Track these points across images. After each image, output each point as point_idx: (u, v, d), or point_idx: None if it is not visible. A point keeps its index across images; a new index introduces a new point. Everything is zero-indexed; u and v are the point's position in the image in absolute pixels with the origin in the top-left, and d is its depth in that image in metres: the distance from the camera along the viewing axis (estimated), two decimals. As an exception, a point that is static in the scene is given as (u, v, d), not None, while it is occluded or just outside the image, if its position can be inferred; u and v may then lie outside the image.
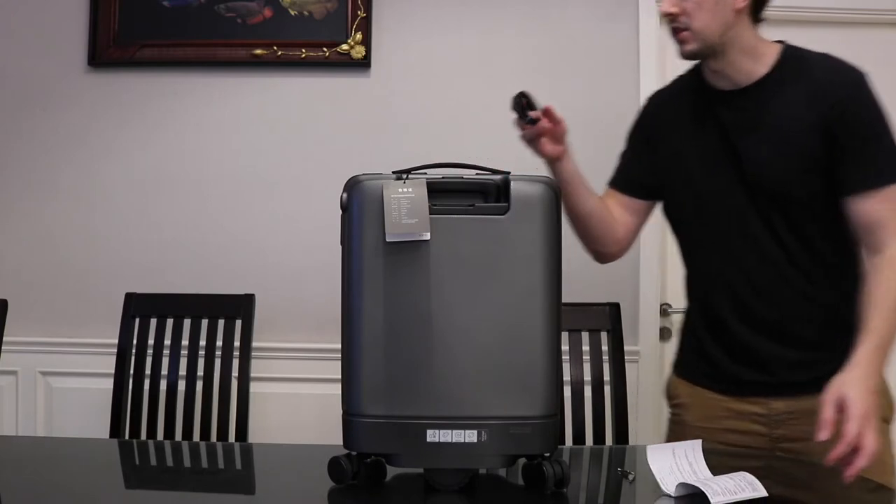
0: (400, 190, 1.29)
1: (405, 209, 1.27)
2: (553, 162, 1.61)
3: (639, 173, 1.72)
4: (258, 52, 2.54)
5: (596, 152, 2.56)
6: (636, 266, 2.55)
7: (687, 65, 2.74)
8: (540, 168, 1.61)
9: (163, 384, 2.18)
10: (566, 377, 2.09)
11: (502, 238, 1.30)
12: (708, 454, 1.33)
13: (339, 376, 1.34)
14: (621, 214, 1.70)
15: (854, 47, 2.69)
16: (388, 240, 1.27)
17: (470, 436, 1.28)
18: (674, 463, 1.31)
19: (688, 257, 1.70)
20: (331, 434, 1.45)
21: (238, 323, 2.22)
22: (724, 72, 1.55)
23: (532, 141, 1.58)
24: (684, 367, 1.71)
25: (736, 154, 1.55)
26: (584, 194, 1.65)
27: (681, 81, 1.71)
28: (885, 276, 1.44)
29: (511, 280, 1.29)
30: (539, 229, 1.31)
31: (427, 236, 1.28)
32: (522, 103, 1.54)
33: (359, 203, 1.29)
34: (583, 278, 2.52)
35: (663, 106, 1.72)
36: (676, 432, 1.66)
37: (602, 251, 1.73)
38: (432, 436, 1.28)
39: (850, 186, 1.48)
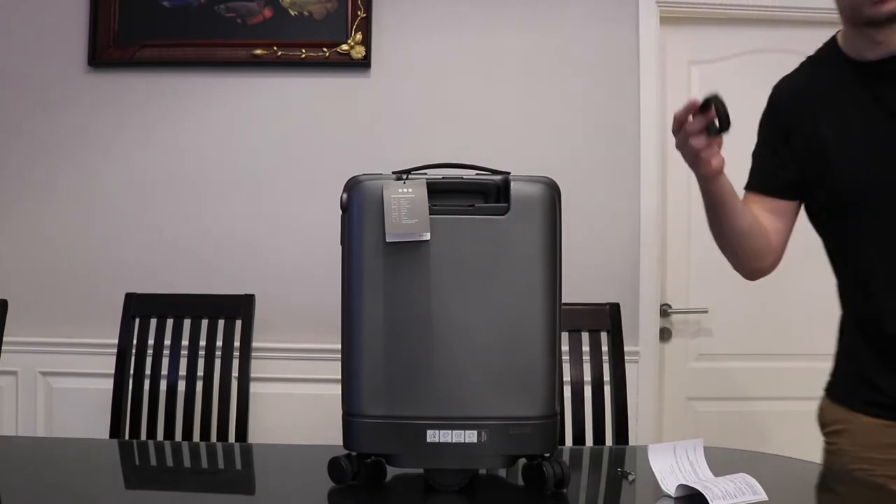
0: (400, 190, 1.28)
1: (405, 209, 1.27)
2: (715, 177, 1.39)
3: (780, 170, 1.50)
4: (258, 52, 2.54)
5: (596, 151, 2.58)
6: (636, 266, 2.55)
7: (682, 67, 2.75)
8: (538, 168, 1.61)
9: (163, 384, 2.18)
10: (566, 377, 2.09)
11: (502, 238, 1.29)
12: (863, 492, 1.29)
13: (339, 376, 1.33)
14: (770, 220, 1.49)
15: (854, 47, 2.70)
16: (388, 240, 1.27)
17: (470, 436, 1.28)
18: (675, 462, 1.30)
19: (839, 262, 1.50)
20: (331, 434, 1.45)
21: (238, 323, 2.22)
22: (890, 39, 1.34)
23: (698, 154, 1.32)
24: (839, 390, 1.50)
25: None
26: (741, 210, 1.45)
27: (811, 63, 1.53)
28: None
29: (511, 280, 1.29)
30: (539, 229, 1.31)
31: (427, 237, 1.28)
32: (716, 114, 1.27)
33: (359, 203, 1.29)
34: (583, 278, 2.52)
35: (796, 92, 1.52)
36: (834, 463, 1.47)
37: (758, 266, 1.53)
38: (432, 436, 1.28)
39: None
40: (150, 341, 2.21)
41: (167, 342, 2.21)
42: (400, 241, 1.27)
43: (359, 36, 2.53)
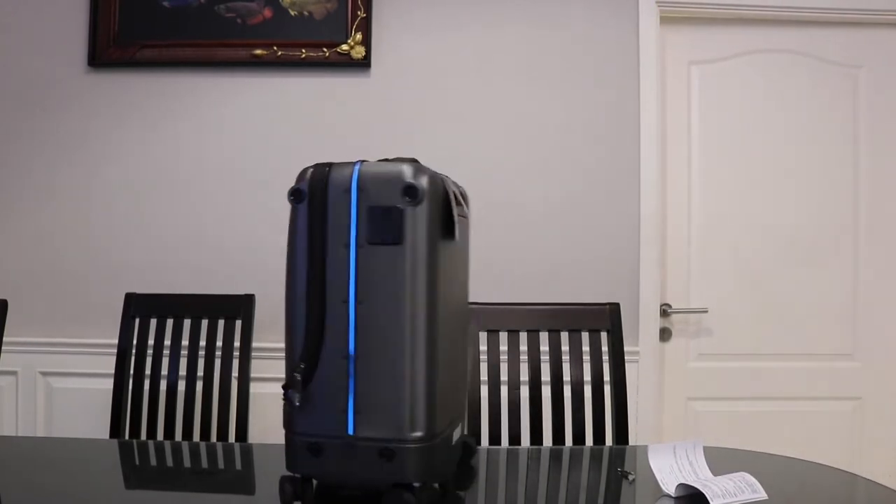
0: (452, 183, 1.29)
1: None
2: None
3: None
4: (258, 52, 2.54)
5: (596, 151, 2.58)
6: (636, 266, 2.55)
7: (682, 67, 2.75)
8: (538, 168, 1.60)
9: (163, 384, 2.18)
10: (566, 377, 2.09)
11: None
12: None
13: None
14: None
15: (854, 47, 2.71)
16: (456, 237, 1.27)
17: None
18: (674, 462, 1.30)
19: None
20: (331, 434, 1.45)
21: (238, 323, 2.22)
22: None
23: None
24: None
25: None
26: None
27: None
28: None
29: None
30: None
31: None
32: None
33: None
34: (583, 278, 2.52)
35: None
36: None
37: None
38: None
39: None
40: (150, 341, 2.21)
41: (167, 342, 2.21)
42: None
43: (359, 36, 2.53)
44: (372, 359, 1.20)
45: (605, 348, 2.08)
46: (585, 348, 2.06)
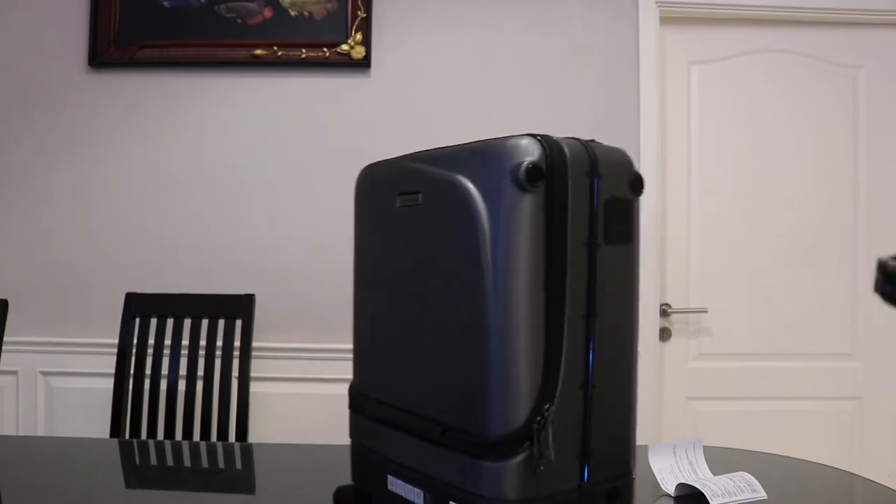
0: None
1: None
2: None
3: None
4: (258, 52, 2.54)
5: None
6: (636, 266, 2.55)
7: (682, 67, 2.74)
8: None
9: (163, 384, 2.18)
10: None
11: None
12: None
13: (339, 376, 1.33)
14: None
15: (854, 47, 2.71)
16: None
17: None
18: (674, 462, 1.30)
19: None
20: (330, 433, 1.45)
21: (238, 323, 2.22)
22: None
23: None
24: None
25: None
26: None
27: None
28: None
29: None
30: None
31: None
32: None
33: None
34: (583, 278, 2.52)
35: None
36: None
37: None
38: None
39: None
40: (151, 341, 2.21)
41: (167, 342, 2.21)
42: None
43: (359, 36, 2.53)
44: (605, 386, 0.96)
45: (605, 348, 2.08)
46: (585, 348, 2.06)
